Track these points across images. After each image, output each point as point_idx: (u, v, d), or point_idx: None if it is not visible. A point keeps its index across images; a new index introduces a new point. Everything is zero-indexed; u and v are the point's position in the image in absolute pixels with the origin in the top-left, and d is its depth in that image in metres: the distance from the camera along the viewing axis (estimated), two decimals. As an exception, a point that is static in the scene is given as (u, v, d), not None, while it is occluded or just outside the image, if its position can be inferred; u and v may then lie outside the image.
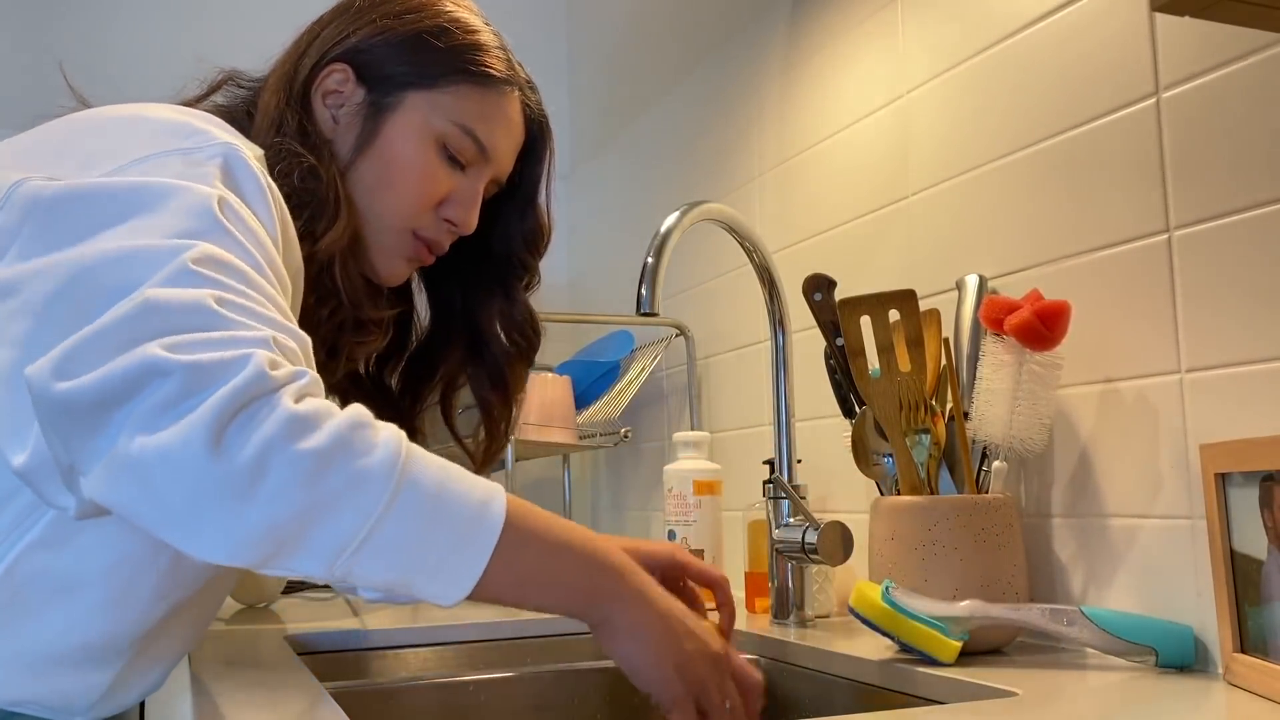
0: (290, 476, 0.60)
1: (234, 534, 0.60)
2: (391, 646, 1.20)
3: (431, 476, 0.65)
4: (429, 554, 0.64)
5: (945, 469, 1.03)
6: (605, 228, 2.19)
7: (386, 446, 0.63)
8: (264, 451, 0.59)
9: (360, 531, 0.62)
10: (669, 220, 1.10)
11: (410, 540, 0.63)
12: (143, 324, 0.61)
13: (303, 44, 0.93)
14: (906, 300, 1.03)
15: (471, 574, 0.65)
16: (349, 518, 0.61)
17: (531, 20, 2.43)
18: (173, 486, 0.59)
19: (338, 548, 0.62)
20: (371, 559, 0.63)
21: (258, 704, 0.78)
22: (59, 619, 0.77)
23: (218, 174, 0.72)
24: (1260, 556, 0.75)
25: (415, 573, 0.64)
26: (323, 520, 0.61)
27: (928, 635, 0.88)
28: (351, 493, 0.61)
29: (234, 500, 0.59)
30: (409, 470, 0.64)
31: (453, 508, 0.65)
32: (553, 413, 1.76)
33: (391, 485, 0.62)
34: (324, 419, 0.62)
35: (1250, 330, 0.83)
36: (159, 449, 0.58)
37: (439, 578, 0.64)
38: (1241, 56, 0.85)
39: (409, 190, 0.91)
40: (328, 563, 0.63)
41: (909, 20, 1.24)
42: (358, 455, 0.62)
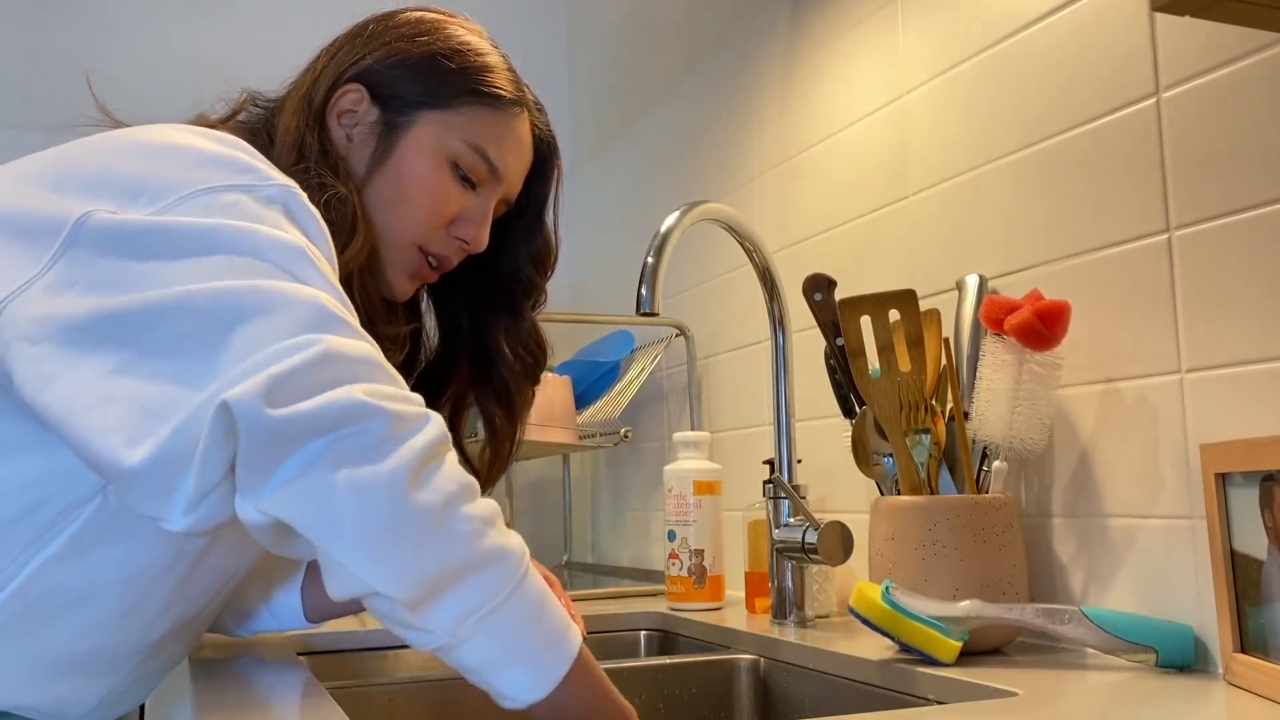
0: (464, 530, 0.66)
1: (408, 569, 0.64)
2: (391, 646, 1.20)
3: (537, 576, 0.70)
4: (533, 642, 0.68)
5: (945, 469, 1.03)
6: (605, 228, 2.19)
7: (516, 534, 0.70)
8: (448, 501, 0.65)
9: (496, 598, 0.66)
10: (669, 220, 1.10)
11: (525, 622, 0.68)
12: (332, 368, 0.65)
13: (318, 66, 0.95)
14: (906, 300, 1.03)
15: (554, 676, 0.69)
16: (491, 583, 0.67)
17: (531, 21, 2.44)
18: (371, 512, 0.63)
19: (473, 608, 0.66)
20: (494, 628, 0.67)
21: (258, 704, 0.78)
22: (67, 629, 0.77)
23: (283, 216, 0.73)
24: (1260, 556, 0.75)
25: (518, 655, 0.68)
26: (473, 578, 0.66)
27: (928, 635, 0.88)
28: (498, 561, 0.67)
29: (420, 536, 0.64)
30: (527, 560, 0.70)
31: (552, 611, 0.70)
32: (553, 413, 1.75)
33: (524, 564, 0.69)
34: (478, 489, 0.68)
35: (1250, 330, 0.83)
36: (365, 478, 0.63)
37: (531, 669, 0.68)
38: (1241, 56, 0.85)
39: (421, 207, 0.92)
40: (458, 620, 0.66)
41: (909, 20, 1.24)
42: (503, 531, 0.69)
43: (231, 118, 0.94)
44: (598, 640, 1.30)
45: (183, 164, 0.74)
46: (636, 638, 1.33)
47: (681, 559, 1.32)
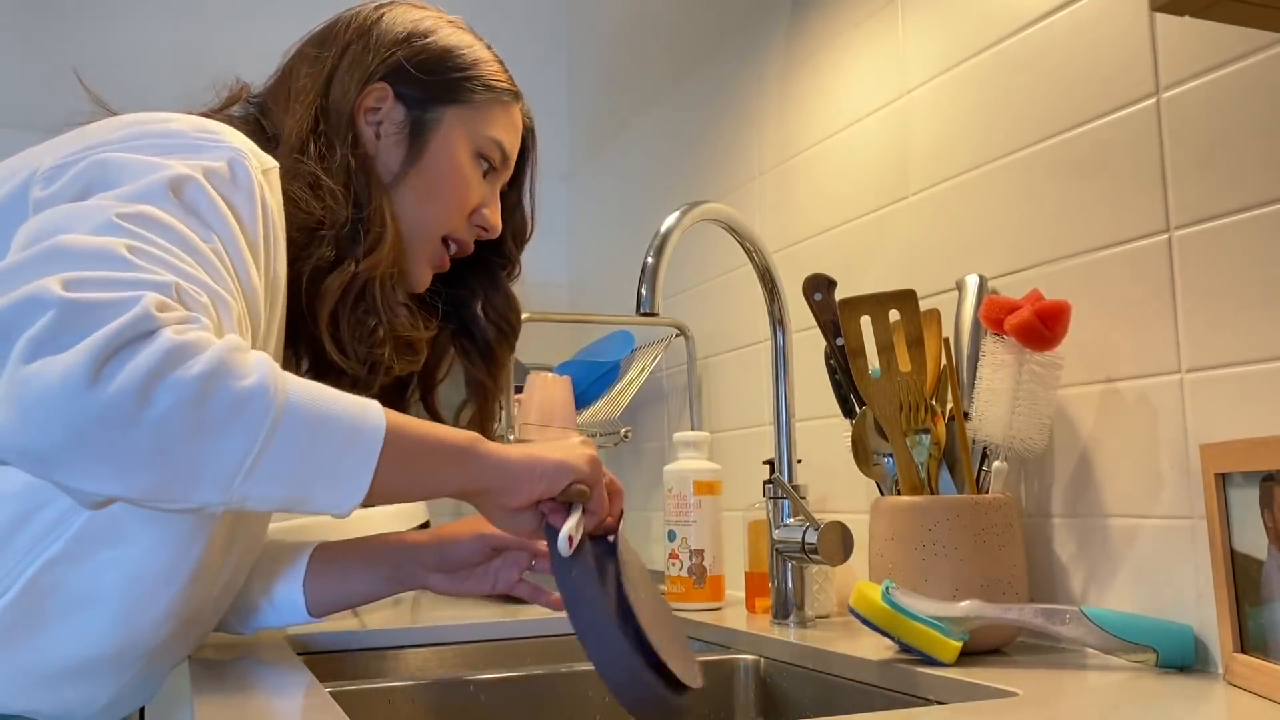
0: (175, 401, 0.61)
1: (123, 462, 0.61)
2: (391, 646, 1.20)
3: (309, 391, 0.67)
4: (319, 467, 0.66)
5: (945, 469, 1.03)
6: (605, 228, 2.19)
7: (261, 367, 0.65)
8: (147, 380, 0.60)
9: (251, 452, 0.63)
10: (669, 220, 1.10)
11: (300, 454, 0.65)
12: (47, 263, 0.63)
13: (326, 64, 0.95)
14: (906, 300, 1.03)
15: (362, 481, 0.67)
16: (238, 439, 0.63)
17: (532, 20, 2.43)
18: (52, 420, 0.59)
19: (232, 470, 0.63)
20: (266, 477, 0.64)
21: (258, 704, 0.78)
22: (71, 633, 0.77)
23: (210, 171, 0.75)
24: (1260, 556, 0.75)
25: (310, 485, 0.66)
26: (213, 443, 0.62)
27: (928, 635, 0.88)
28: (239, 414, 0.63)
29: (120, 428, 0.60)
30: (288, 389, 0.66)
31: (335, 417, 0.67)
32: (553, 413, 1.75)
33: (274, 404, 0.64)
34: (203, 346, 0.63)
35: (1250, 330, 0.83)
36: (37, 381, 0.59)
37: (334, 486, 0.67)
38: (1241, 56, 0.85)
39: (453, 201, 0.98)
40: (224, 487, 0.63)
41: (909, 20, 1.24)
42: (237, 377, 0.63)
43: (224, 109, 0.95)
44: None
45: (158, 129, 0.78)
46: (636, 638, 1.33)
47: (681, 559, 1.32)
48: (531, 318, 1.69)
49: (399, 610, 1.36)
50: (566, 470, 0.78)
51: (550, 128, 2.43)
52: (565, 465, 0.78)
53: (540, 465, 0.78)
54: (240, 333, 0.72)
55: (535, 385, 1.78)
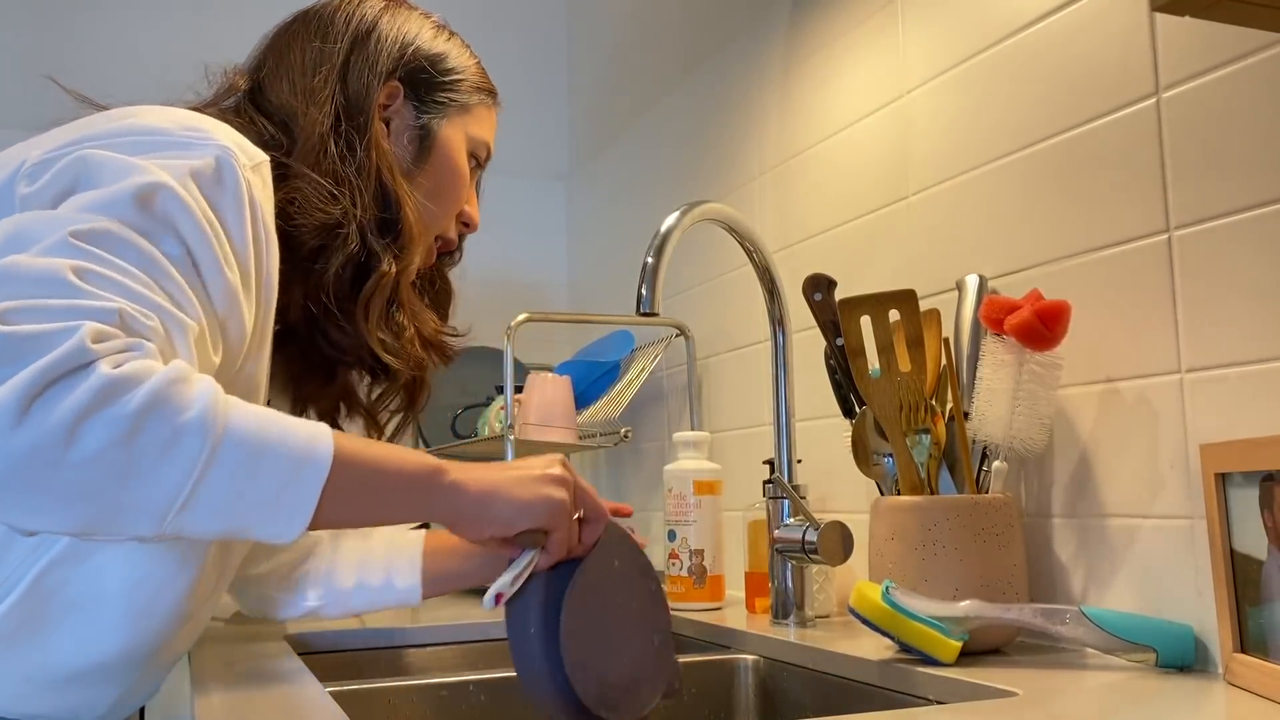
0: (104, 440, 0.61)
1: (51, 500, 0.61)
2: (391, 646, 1.20)
3: (252, 423, 0.66)
4: (258, 498, 0.65)
5: (945, 469, 1.03)
6: (605, 228, 2.19)
7: (203, 399, 0.64)
8: (75, 418, 0.60)
9: (185, 487, 0.63)
10: (669, 220, 1.10)
11: (237, 488, 0.65)
12: None
13: (333, 58, 0.94)
14: (906, 300, 1.03)
15: (304, 511, 0.67)
16: (171, 475, 0.63)
17: (532, 20, 2.43)
18: None
19: (164, 506, 0.63)
20: (200, 512, 0.64)
21: (258, 704, 0.78)
22: (76, 637, 0.77)
23: (194, 171, 0.74)
24: (1260, 556, 0.75)
25: (247, 518, 0.66)
26: (145, 480, 0.62)
27: (928, 635, 0.88)
28: (171, 450, 0.62)
29: (45, 468, 0.60)
30: (228, 420, 0.65)
31: (277, 450, 0.66)
32: (553, 413, 1.75)
33: (211, 437, 0.64)
34: (139, 380, 0.62)
35: (1250, 330, 0.83)
36: None
37: (273, 519, 0.66)
38: (1241, 56, 0.85)
39: (454, 199, 1.00)
40: (158, 521, 0.63)
41: (909, 20, 1.24)
42: (174, 412, 0.63)
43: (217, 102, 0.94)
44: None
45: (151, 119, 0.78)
46: (636, 638, 1.33)
47: (681, 559, 1.32)
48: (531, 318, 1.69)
49: (399, 610, 1.36)
50: (523, 515, 0.75)
51: (550, 128, 2.44)
52: (523, 509, 0.75)
53: (495, 506, 0.75)
54: (201, 349, 0.72)
55: (535, 385, 1.78)
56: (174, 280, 0.70)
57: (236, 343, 0.77)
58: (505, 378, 1.64)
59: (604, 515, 0.80)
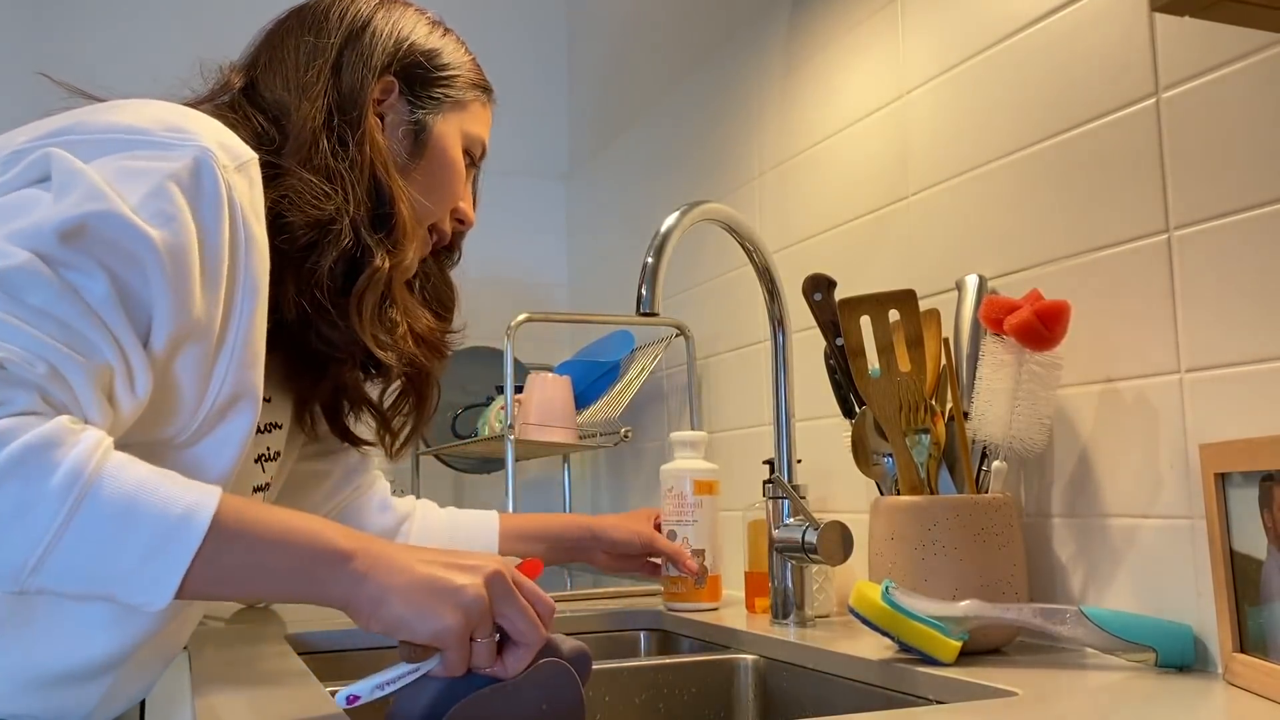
0: None
1: None
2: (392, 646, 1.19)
3: (125, 489, 0.65)
4: (118, 568, 0.65)
5: (945, 469, 1.03)
6: (605, 228, 2.19)
7: (72, 465, 0.64)
8: None
9: (35, 552, 0.63)
10: (669, 220, 1.10)
11: (93, 557, 0.64)
12: None
13: (327, 53, 0.94)
14: (906, 300, 1.03)
15: (168, 583, 0.66)
16: (21, 540, 0.63)
17: (531, 20, 2.43)
18: None
19: (15, 568, 0.64)
20: (55, 575, 0.64)
21: (258, 704, 0.78)
22: (63, 636, 0.77)
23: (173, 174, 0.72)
24: (1260, 556, 0.75)
25: (108, 583, 0.66)
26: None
27: (928, 635, 0.88)
28: (22, 516, 0.63)
29: None
30: (94, 489, 0.64)
31: (144, 523, 0.65)
32: (553, 413, 1.76)
33: (66, 505, 0.63)
34: (5, 442, 0.63)
35: (1250, 330, 0.83)
36: None
37: (135, 589, 0.66)
38: (1241, 56, 0.85)
39: (448, 195, 1.00)
40: (11, 582, 0.64)
41: (909, 20, 1.24)
42: (35, 478, 0.63)
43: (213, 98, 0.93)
44: (598, 640, 1.30)
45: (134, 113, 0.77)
46: (636, 638, 1.33)
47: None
48: (531, 318, 1.70)
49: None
50: (405, 628, 0.70)
51: (550, 128, 2.44)
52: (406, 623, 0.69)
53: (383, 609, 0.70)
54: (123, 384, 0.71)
55: (535, 385, 1.78)
56: (87, 318, 0.69)
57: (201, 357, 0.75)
58: (505, 378, 1.64)
59: (533, 645, 0.71)
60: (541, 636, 0.72)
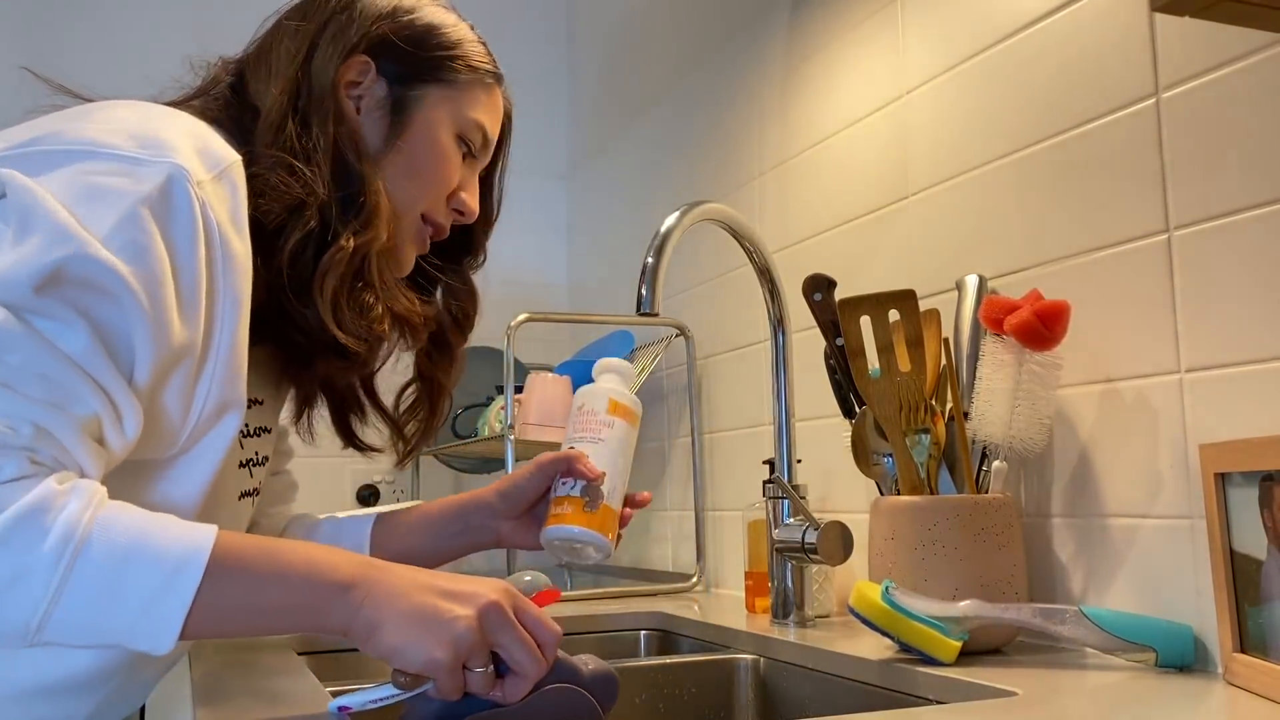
0: None
1: None
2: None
3: (117, 543, 0.66)
4: (120, 620, 0.66)
5: (945, 469, 1.03)
6: (605, 228, 2.19)
7: (63, 528, 0.65)
8: None
9: (35, 617, 0.64)
10: (669, 220, 1.10)
11: (93, 614, 0.65)
12: None
13: (307, 35, 0.92)
14: (906, 300, 1.03)
15: (171, 628, 0.67)
16: (20, 606, 0.64)
17: (532, 20, 2.44)
18: None
19: (18, 632, 0.65)
20: (59, 633, 0.65)
21: (258, 704, 0.78)
22: (36, 654, 0.76)
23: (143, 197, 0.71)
24: (1260, 556, 0.75)
25: (112, 634, 0.67)
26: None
27: (928, 635, 0.88)
28: (15, 585, 0.64)
29: None
30: (84, 547, 0.65)
31: (141, 572, 0.66)
32: (553, 413, 1.76)
33: (60, 568, 0.64)
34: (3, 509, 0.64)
35: (1250, 330, 0.83)
36: None
37: (140, 636, 0.67)
38: (1241, 56, 0.85)
39: (435, 180, 0.95)
40: (20, 641, 0.65)
41: (909, 20, 1.24)
42: (26, 547, 0.64)
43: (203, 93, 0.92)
44: (598, 640, 1.30)
45: (105, 123, 0.75)
46: (636, 637, 1.33)
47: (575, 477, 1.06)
48: (531, 318, 1.70)
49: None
50: (397, 657, 0.70)
51: (550, 128, 2.44)
52: (398, 652, 0.70)
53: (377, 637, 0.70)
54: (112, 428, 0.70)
55: (535, 385, 1.78)
56: (70, 370, 0.68)
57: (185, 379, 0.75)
58: (505, 378, 1.64)
59: (529, 675, 0.71)
60: (540, 667, 0.72)
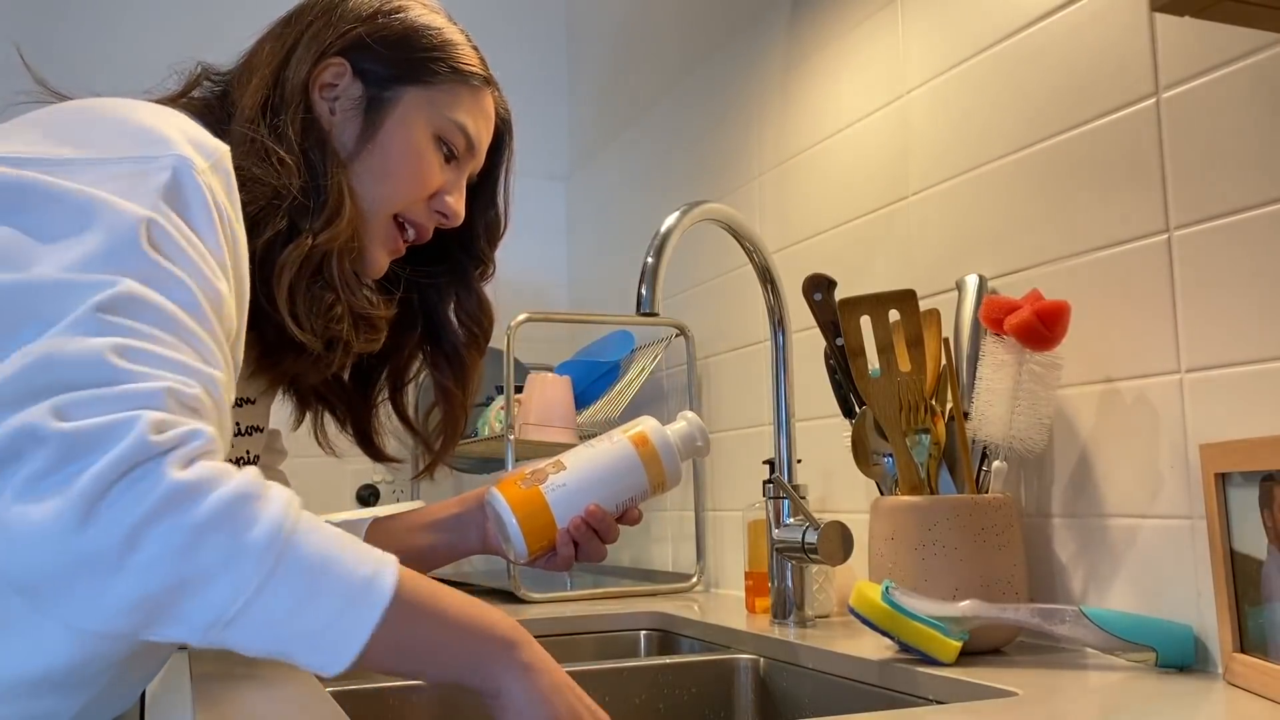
0: (163, 550, 0.59)
1: (102, 606, 0.60)
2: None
3: (317, 549, 0.64)
4: (307, 626, 0.63)
5: (945, 469, 1.03)
6: (605, 228, 2.19)
7: (272, 519, 0.63)
8: (139, 525, 0.59)
9: (234, 605, 0.61)
10: (669, 220, 1.10)
11: (286, 614, 0.63)
12: (35, 379, 0.61)
13: (288, 40, 0.93)
14: (906, 300, 1.03)
15: (351, 647, 0.65)
16: (222, 592, 0.61)
17: (531, 21, 2.43)
18: (41, 557, 0.58)
19: (209, 621, 0.62)
20: (245, 631, 0.63)
21: (258, 704, 0.78)
22: (24, 644, 0.74)
23: (161, 190, 0.70)
24: (1260, 556, 0.75)
25: (292, 645, 0.64)
26: (195, 593, 0.61)
27: (928, 635, 0.88)
28: (227, 568, 0.61)
29: (103, 574, 0.59)
30: (292, 544, 0.63)
31: (336, 582, 0.64)
32: (553, 413, 1.75)
33: (270, 560, 0.62)
34: (209, 489, 0.61)
35: (1250, 330, 0.83)
36: (30, 519, 0.58)
37: (318, 650, 0.64)
38: (1241, 56, 0.85)
39: (408, 180, 0.94)
40: (200, 633, 0.62)
41: (909, 20, 1.24)
42: (239, 530, 0.62)
43: (186, 93, 0.92)
44: (598, 640, 1.30)
45: (102, 130, 0.74)
46: (636, 638, 1.33)
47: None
48: (531, 318, 1.69)
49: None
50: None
51: (550, 128, 2.44)
52: None
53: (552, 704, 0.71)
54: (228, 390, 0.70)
55: (535, 385, 1.78)
56: (194, 333, 0.68)
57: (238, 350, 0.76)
58: (505, 378, 1.64)
59: None
60: None
